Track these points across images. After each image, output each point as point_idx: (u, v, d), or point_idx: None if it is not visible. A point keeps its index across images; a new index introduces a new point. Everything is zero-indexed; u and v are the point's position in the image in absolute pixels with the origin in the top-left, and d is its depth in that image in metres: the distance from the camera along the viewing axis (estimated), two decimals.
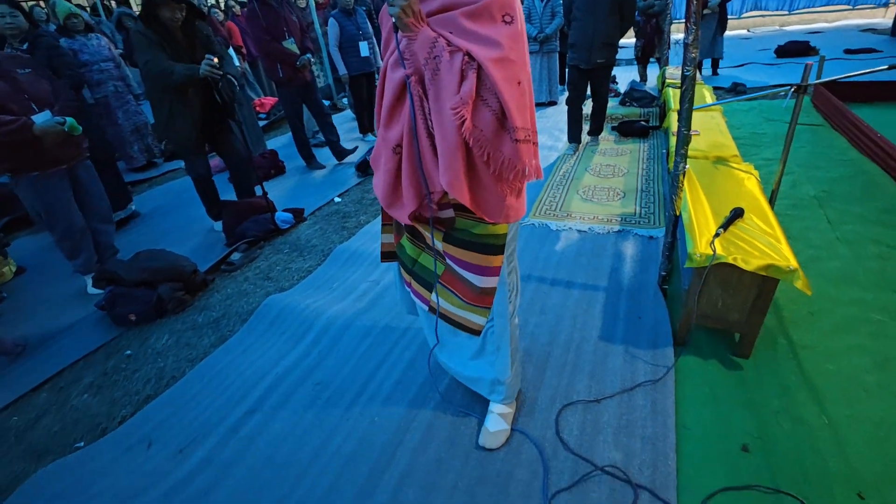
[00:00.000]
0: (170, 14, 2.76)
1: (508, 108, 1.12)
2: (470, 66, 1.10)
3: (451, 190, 1.19)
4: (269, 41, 3.91)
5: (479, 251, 1.39)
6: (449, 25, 1.14)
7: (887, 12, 9.94)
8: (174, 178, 4.96)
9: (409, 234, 1.53)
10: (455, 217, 1.37)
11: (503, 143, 1.17)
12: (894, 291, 2.15)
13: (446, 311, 1.52)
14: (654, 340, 2.01)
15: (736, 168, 2.45)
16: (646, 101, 5.39)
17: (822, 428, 1.58)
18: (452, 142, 1.14)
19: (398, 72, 1.20)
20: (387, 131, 1.29)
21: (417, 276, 1.57)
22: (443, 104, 1.13)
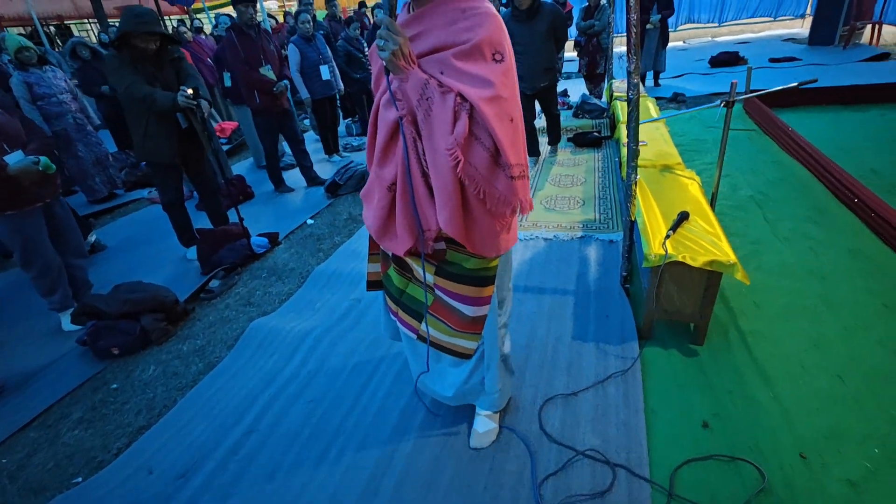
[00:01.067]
0: (143, 45, 2.80)
1: (502, 145, 1.15)
2: (462, 106, 1.12)
3: (447, 228, 1.21)
4: (248, 70, 3.99)
5: (471, 284, 1.40)
6: (440, 66, 1.15)
7: (804, 23, 10.89)
8: (137, 209, 4.89)
9: (395, 265, 1.53)
10: (446, 249, 1.38)
11: (497, 180, 1.19)
12: (824, 280, 2.44)
13: (436, 339, 1.53)
14: (621, 336, 2.21)
15: (680, 175, 2.71)
16: (597, 112, 5.73)
17: (770, 403, 1.80)
18: (448, 181, 1.16)
19: (391, 112, 1.22)
20: (381, 169, 1.30)
21: (405, 305, 1.56)
22: (437, 144, 1.15)
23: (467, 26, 1.15)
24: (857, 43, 8.11)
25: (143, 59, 2.86)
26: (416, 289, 1.51)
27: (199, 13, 13.89)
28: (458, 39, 1.15)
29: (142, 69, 2.85)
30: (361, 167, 4.61)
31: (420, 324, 1.53)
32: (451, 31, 1.16)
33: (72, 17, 14.14)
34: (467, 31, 1.15)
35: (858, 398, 1.76)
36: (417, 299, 1.52)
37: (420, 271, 1.45)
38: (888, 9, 7.90)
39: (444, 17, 1.18)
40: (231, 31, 3.98)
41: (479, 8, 1.17)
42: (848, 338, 2.05)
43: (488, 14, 1.16)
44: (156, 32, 2.80)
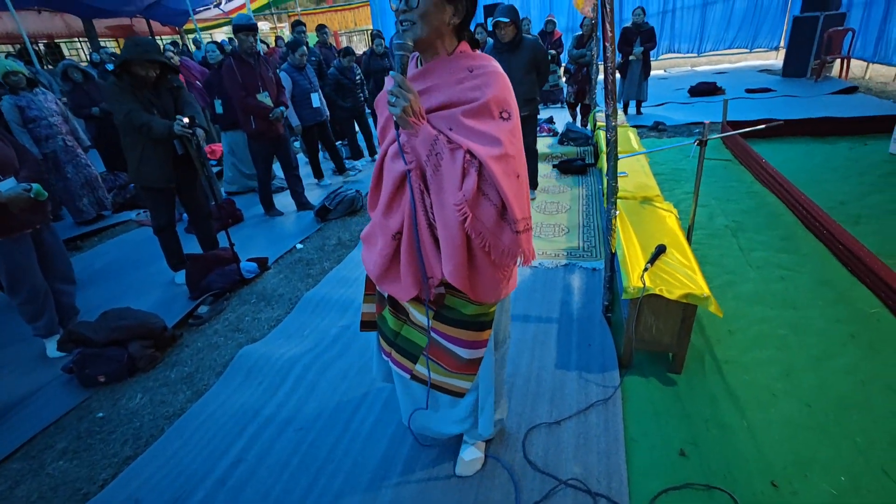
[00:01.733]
0: (143, 72, 2.88)
1: (509, 201, 1.19)
2: (472, 163, 1.16)
3: (452, 279, 1.25)
4: (245, 96, 4.09)
5: (469, 328, 1.43)
6: (449, 122, 1.20)
7: (778, 55, 11.39)
8: (126, 231, 4.89)
9: (391, 307, 1.54)
10: (445, 294, 1.40)
11: (503, 234, 1.24)
12: (794, 309, 2.56)
13: (432, 380, 1.55)
14: (602, 364, 2.28)
15: (659, 207, 2.83)
16: (581, 140, 5.91)
17: (743, 431, 1.88)
18: (455, 234, 1.21)
19: (398, 164, 1.26)
20: (386, 219, 1.33)
21: (399, 347, 1.57)
22: (445, 199, 1.19)
23: (476, 85, 1.21)
24: (827, 76, 8.50)
25: (142, 87, 2.93)
26: (412, 331, 1.53)
27: (191, 33, 14.03)
28: (467, 97, 1.20)
29: (140, 96, 2.93)
30: (351, 192, 4.69)
31: (414, 365, 1.56)
32: (459, 89, 1.22)
33: (62, 36, 14.17)
34: (476, 89, 1.20)
35: (826, 426, 1.85)
36: (413, 341, 1.53)
37: (416, 314, 1.48)
38: (855, 44, 8.32)
39: (452, 74, 1.24)
40: (231, 58, 4.09)
41: (486, 67, 1.24)
42: (816, 366, 2.15)
43: (496, 73, 1.23)
44: (155, 60, 2.89)
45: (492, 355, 1.59)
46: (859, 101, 6.74)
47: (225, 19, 17.27)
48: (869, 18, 8.40)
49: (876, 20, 8.18)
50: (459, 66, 1.25)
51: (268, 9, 16.68)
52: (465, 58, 1.27)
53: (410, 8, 1.18)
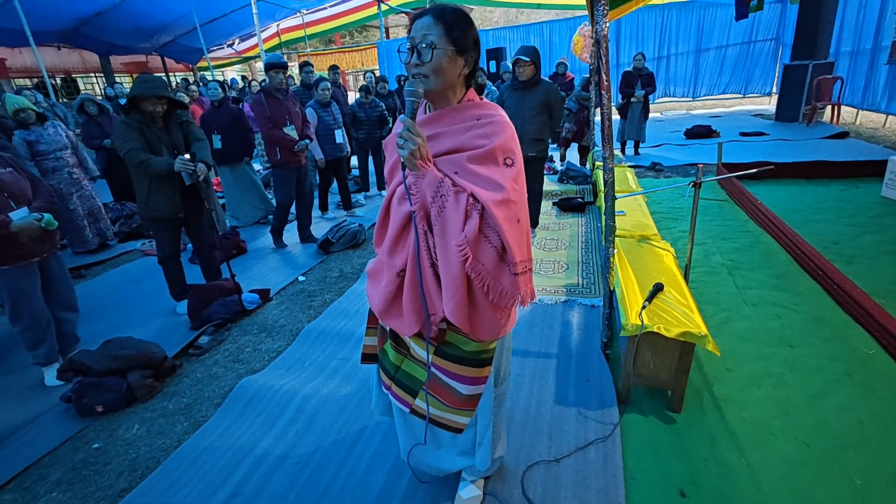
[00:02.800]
0: (151, 108, 3.01)
1: (509, 245, 1.23)
2: (475, 207, 1.21)
3: (452, 317, 1.28)
4: (272, 127, 4.29)
5: (469, 365, 1.45)
6: (455, 166, 1.25)
7: (771, 100, 11.78)
8: (130, 261, 4.95)
9: (392, 341, 1.57)
10: (446, 330, 1.43)
11: (502, 276, 1.27)
12: (790, 347, 2.58)
13: (431, 414, 1.56)
14: (601, 401, 2.29)
15: (656, 246, 2.89)
16: (580, 179, 6.06)
17: (742, 470, 1.87)
18: (456, 274, 1.24)
19: (404, 205, 1.31)
20: (391, 258, 1.38)
21: (400, 381, 1.59)
22: (448, 240, 1.23)
23: (483, 133, 1.27)
24: (819, 121, 8.77)
25: (150, 122, 3.06)
26: (412, 365, 1.55)
27: (204, 71, 14.54)
28: (473, 144, 1.26)
29: (148, 132, 3.05)
30: (354, 226, 4.77)
31: (414, 399, 1.57)
32: (467, 136, 1.28)
33: (79, 71, 14.69)
34: (483, 137, 1.26)
35: (824, 466, 1.85)
36: (413, 376, 1.55)
37: (417, 349, 1.50)
38: (845, 92, 8.63)
39: (460, 122, 1.30)
40: (261, 94, 4.30)
41: (493, 116, 1.30)
42: (813, 404, 2.16)
43: (502, 123, 1.29)
44: (163, 96, 3.02)
45: (491, 392, 1.60)
46: (850, 146, 6.94)
47: (237, 58, 17.94)
48: (856, 67, 8.74)
49: (862, 69, 8.52)
50: (468, 115, 1.31)
51: (278, 49, 17.34)
52: (473, 107, 1.34)
53: (423, 62, 1.25)
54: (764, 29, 11.66)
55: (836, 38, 9.05)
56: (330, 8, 15.56)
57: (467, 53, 1.29)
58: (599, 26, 2.12)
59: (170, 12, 12.18)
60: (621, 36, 12.54)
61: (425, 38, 1.24)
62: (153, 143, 3.08)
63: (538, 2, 14.98)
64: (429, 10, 1.28)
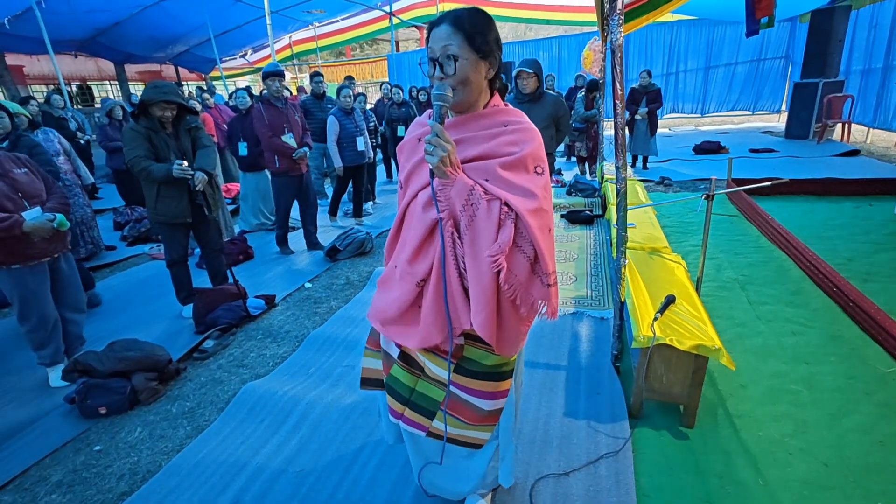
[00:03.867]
0: (160, 113, 3.03)
1: (543, 255, 1.20)
2: (508, 215, 1.17)
3: (481, 330, 1.23)
4: (270, 136, 4.32)
5: (490, 380, 1.41)
6: (485, 174, 1.21)
7: (780, 118, 11.76)
8: (137, 264, 4.96)
9: (401, 362, 1.49)
10: (463, 346, 1.39)
11: (534, 287, 1.24)
12: (807, 364, 2.52)
13: (449, 434, 1.49)
14: (612, 414, 2.23)
15: (667, 258, 2.86)
16: (589, 192, 6.03)
17: (759, 489, 1.81)
18: (487, 286, 1.20)
19: (430, 212, 1.25)
20: (412, 266, 1.31)
21: (415, 405, 1.49)
22: (479, 250, 1.18)
23: (513, 140, 1.24)
24: (829, 139, 8.73)
25: (159, 128, 3.07)
26: (428, 386, 1.47)
27: (217, 80, 14.76)
28: (503, 151, 1.23)
29: (156, 138, 3.06)
30: (361, 234, 4.76)
31: (431, 421, 1.49)
32: (496, 143, 1.24)
33: (94, 79, 14.95)
34: (513, 144, 1.24)
35: (845, 489, 1.78)
36: (430, 397, 1.48)
37: (433, 368, 1.44)
38: (855, 110, 8.60)
39: (486, 128, 1.27)
40: (260, 103, 4.33)
41: (521, 123, 1.28)
42: (832, 424, 2.09)
43: (532, 130, 1.27)
44: (172, 101, 3.04)
45: (513, 405, 1.55)
46: (862, 164, 6.88)
47: (249, 68, 18.21)
48: (867, 86, 8.72)
49: (874, 87, 8.49)
50: (495, 121, 1.28)
51: (290, 60, 17.59)
52: (499, 112, 1.30)
53: (447, 75, 1.21)
54: (774, 47, 11.70)
55: (847, 57, 9.05)
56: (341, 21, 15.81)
57: (490, 56, 1.25)
58: (614, 35, 2.11)
59: (184, 23, 12.41)
60: (630, 52, 12.63)
61: (447, 50, 1.20)
62: (160, 148, 3.09)
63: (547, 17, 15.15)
64: (445, 17, 1.23)
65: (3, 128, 3.26)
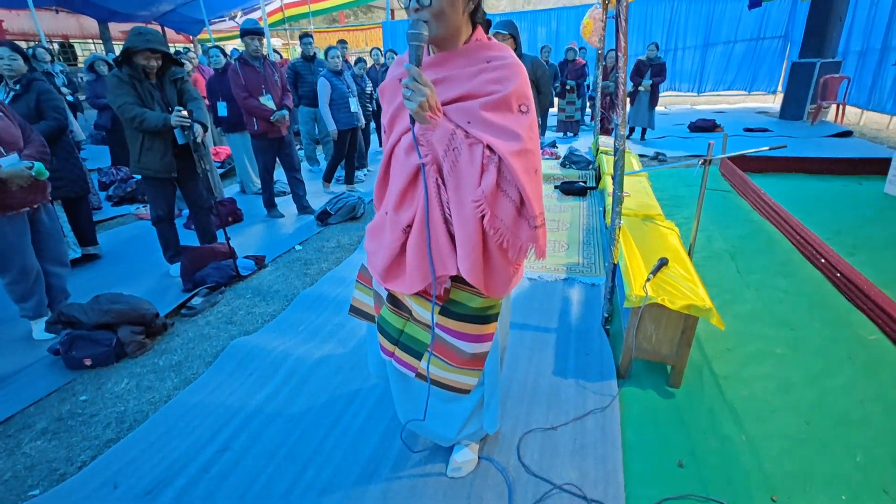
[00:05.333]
0: (145, 62, 2.91)
1: (528, 198, 1.16)
2: (491, 159, 1.13)
3: (468, 276, 1.21)
4: (247, 97, 4.15)
5: (476, 322, 1.40)
6: (467, 115, 1.16)
7: (776, 98, 11.72)
8: (123, 224, 4.86)
9: (390, 305, 1.49)
10: (450, 288, 1.37)
11: (521, 230, 1.21)
12: (792, 329, 2.56)
13: (435, 376, 1.50)
14: (600, 374, 2.26)
15: (660, 225, 2.85)
16: (583, 164, 5.99)
17: (742, 443, 1.85)
18: (472, 231, 1.17)
19: (412, 157, 1.22)
20: (397, 213, 1.29)
21: (405, 345, 1.51)
22: (463, 196, 1.15)
23: (496, 77, 1.17)
24: (823, 120, 8.73)
25: (143, 77, 2.95)
26: (416, 328, 1.48)
27: (205, 43, 14.29)
28: (486, 90, 1.16)
29: (140, 87, 2.95)
30: (353, 198, 4.70)
31: (420, 362, 1.50)
32: (478, 82, 1.17)
33: (76, 37, 14.39)
34: (496, 82, 1.17)
35: (825, 442, 1.83)
36: (418, 339, 1.48)
37: (420, 311, 1.43)
38: (851, 91, 8.58)
39: (468, 66, 1.20)
40: (237, 61, 4.17)
41: (505, 58, 1.20)
42: (814, 384, 2.14)
43: (516, 66, 1.19)
44: (157, 50, 2.91)
45: (498, 351, 1.55)
46: (853, 145, 6.91)
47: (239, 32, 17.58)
48: (864, 67, 8.69)
49: (870, 69, 8.47)
50: (477, 57, 1.21)
51: (282, 24, 17.05)
52: (482, 48, 1.23)
53: (422, 6, 1.13)
54: (773, 25, 11.56)
55: (846, 37, 8.97)
56: None
57: None
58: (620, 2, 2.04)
59: None
60: (630, 27, 12.39)
61: None
62: (145, 99, 2.98)
63: None
64: None
65: (17, 70, 3.11)
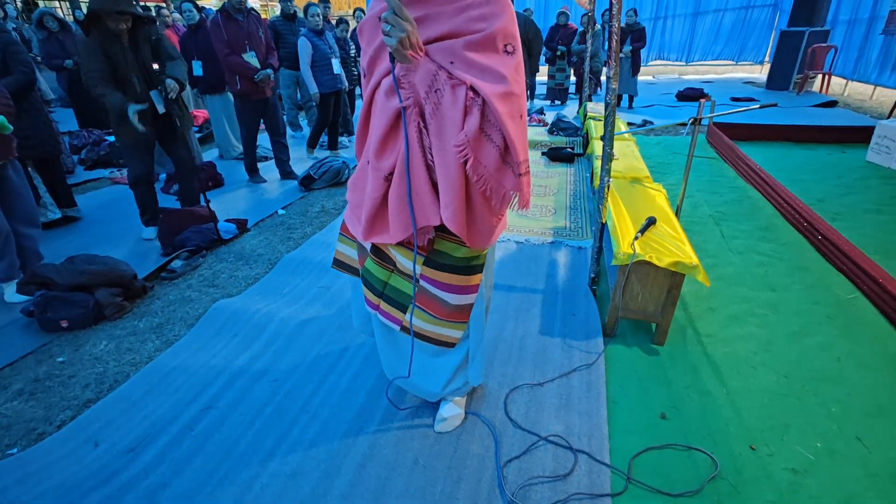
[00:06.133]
0: (114, 25, 2.73)
1: (513, 143, 1.12)
2: (475, 101, 1.08)
3: (451, 224, 1.18)
4: (229, 54, 3.94)
5: (460, 273, 1.37)
6: (450, 55, 1.10)
7: (763, 69, 11.69)
8: (97, 188, 4.68)
9: (374, 257, 1.46)
10: (434, 239, 1.34)
11: (505, 178, 1.17)
12: (773, 291, 2.60)
13: (419, 329, 1.48)
14: (586, 333, 2.27)
15: (648, 186, 2.84)
16: (570, 131, 5.92)
17: (722, 397, 1.89)
18: (455, 177, 1.13)
19: (393, 101, 1.15)
20: (379, 161, 1.22)
21: (389, 298, 1.49)
22: (445, 140, 1.11)
23: (481, 14, 1.10)
24: (808, 90, 8.75)
25: (113, 41, 2.79)
26: (400, 280, 1.45)
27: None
28: (471, 28, 1.10)
29: (112, 51, 2.79)
30: (337, 163, 4.59)
31: (404, 314, 1.48)
32: (462, 19, 1.10)
33: None
34: (481, 19, 1.10)
35: (802, 396, 1.88)
36: (402, 291, 1.45)
37: (403, 262, 1.39)
38: (837, 62, 8.58)
39: (452, 1, 1.12)
40: (219, 14, 3.95)
41: None
42: (794, 342, 2.18)
43: (503, 2, 1.13)
44: (125, 12, 2.73)
45: (483, 302, 1.54)
46: (838, 114, 6.95)
47: None
48: (851, 37, 8.67)
49: (857, 39, 8.46)
50: None
51: None
52: None
53: None
54: None
55: (835, 6, 8.92)
56: None
57: None
58: None
59: None
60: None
61: None
62: (118, 63, 2.82)
63: None
64: None
65: None
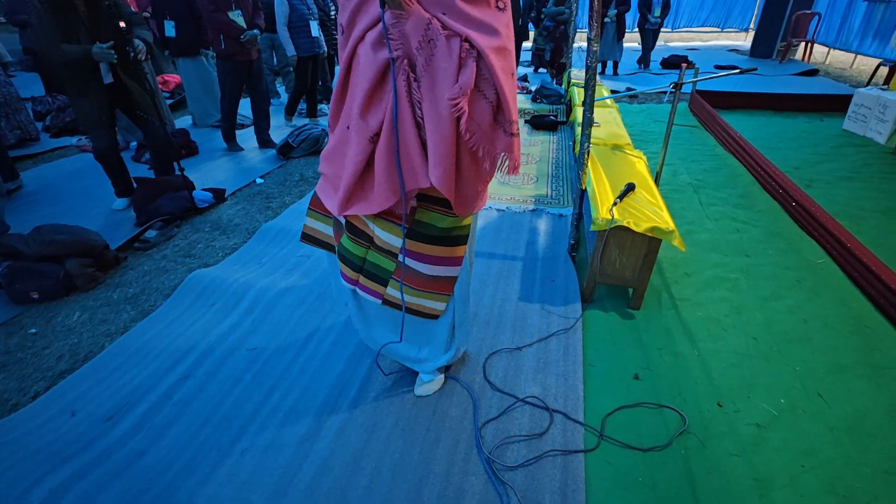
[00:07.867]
0: None
1: (506, 100, 1.09)
2: (470, 53, 1.05)
3: (440, 185, 1.14)
4: (213, 10, 3.76)
5: (445, 244, 1.35)
6: (442, 6, 1.06)
7: (747, 36, 11.63)
8: (64, 156, 4.50)
9: (349, 234, 1.42)
10: (416, 209, 1.30)
11: (497, 138, 1.15)
12: (746, 256, 2.65)
13: (400, 301, 1.46)
14: (565, 298, 2.30)
15: (629, 153, 2.84)
16: (554, 98, 5.86)
17: (693, 358, 1.95)
18: (447, 134, 1.09)
19: (382, 53, 1.09)
20: (364, 119, 1.16)
21: (368, 272, 1.46)
22: (438, 94, 1.06)
23: None
24: (791, 59, 8.75)
25: (68, 9, 2.62)
26: (378, 256, 1.42)
27: None
28: None
29: (65, 21, 2.63)
30: (316, 130, 4.48)
31: (385, 288, 1.46)
32: None
33: None
34: None
35: (769, 356, 1.95)
36: (381, 266, 1.43)
37: (383, 235, 1.36)
38: (820, 29, 8.57)
39: None
40: None
41: None
42: (763, 306, 2.25)
43: None
44: None
45: (467, 274, 1.53)
46: (818, 83, 6.99)
47: None
48: (835, 4, 8.63)
49: (842, 5, 8.42)
50: None
51: None
52: None
53: None
54: None
55: None
56: None
57: None
58: None
59: None
60: None
61: None
62: (69, 34, 2.66)
63: None
64: None
65: None
